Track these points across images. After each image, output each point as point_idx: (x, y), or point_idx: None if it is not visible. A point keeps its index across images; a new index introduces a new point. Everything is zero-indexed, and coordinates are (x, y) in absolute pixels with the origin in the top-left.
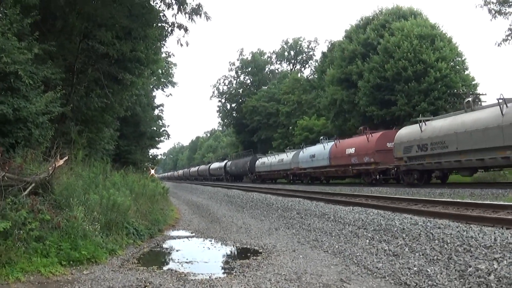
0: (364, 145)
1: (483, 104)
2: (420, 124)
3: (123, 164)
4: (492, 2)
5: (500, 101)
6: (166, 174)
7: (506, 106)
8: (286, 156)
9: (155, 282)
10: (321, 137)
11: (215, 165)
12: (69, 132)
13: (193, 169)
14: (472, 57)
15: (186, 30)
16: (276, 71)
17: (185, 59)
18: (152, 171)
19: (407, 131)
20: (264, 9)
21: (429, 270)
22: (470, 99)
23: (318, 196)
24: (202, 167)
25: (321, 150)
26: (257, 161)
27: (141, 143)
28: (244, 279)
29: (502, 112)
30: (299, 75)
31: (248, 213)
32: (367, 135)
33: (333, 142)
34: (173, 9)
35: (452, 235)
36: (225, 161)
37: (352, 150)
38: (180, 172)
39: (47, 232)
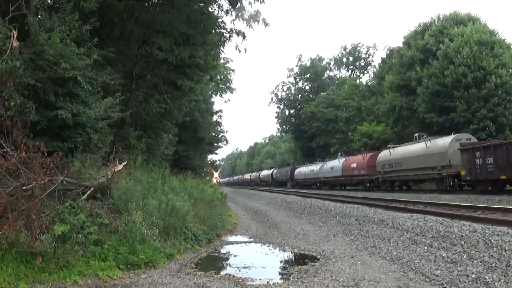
0: (361, 161)
1: None
2: (390, 149)
3: (181, 170)
4: None
5: (426, 138)
6: (223, 179)
7: (430, 142)
8: (315, 167)
9: (213, 287)
10: (339, 153)
11: (264, 172)
12: (128, 137)
13: (246, 175)
14: None
15: (244, 36)
16: (335, 77)
17: (243, 65)
18: (216, 174)
19: (384, 154)
20: (323, 16)
21: (487, 278)
22: (416, 134)
23: (376, 202)
24: (254, 174)
25: (337, 164)
26: (296, 170)
27: (199, 148)
28: (302, 285)
29: (426, 146)
30: (357, 81)
31: (306, 219)
32: (363, 155)
33: (345, 158)
34: (231, 15)
35: (510, 242)
36: (272, 169)
37: (355, 165)
38: (236, 178)
39: (105, 236)
